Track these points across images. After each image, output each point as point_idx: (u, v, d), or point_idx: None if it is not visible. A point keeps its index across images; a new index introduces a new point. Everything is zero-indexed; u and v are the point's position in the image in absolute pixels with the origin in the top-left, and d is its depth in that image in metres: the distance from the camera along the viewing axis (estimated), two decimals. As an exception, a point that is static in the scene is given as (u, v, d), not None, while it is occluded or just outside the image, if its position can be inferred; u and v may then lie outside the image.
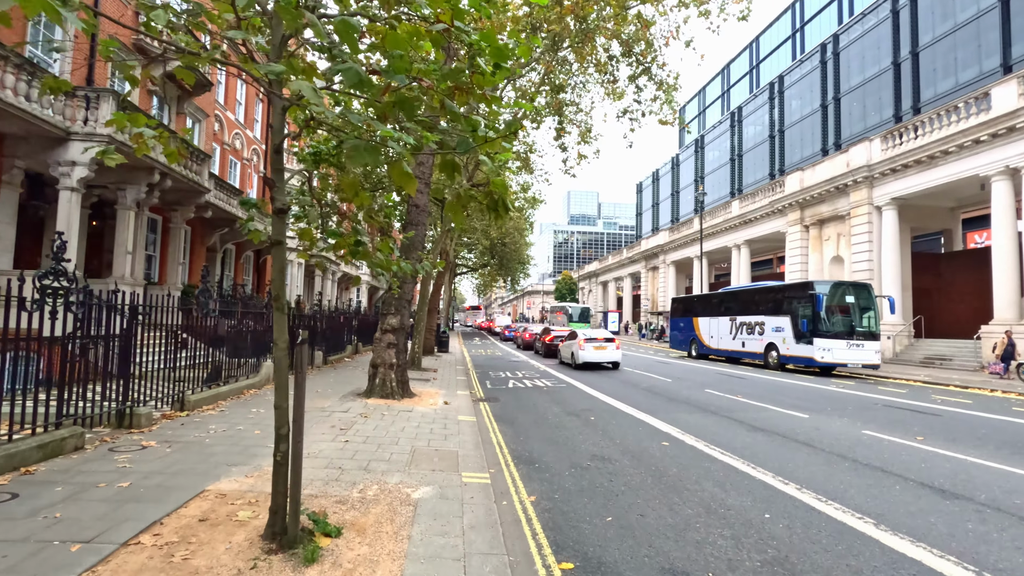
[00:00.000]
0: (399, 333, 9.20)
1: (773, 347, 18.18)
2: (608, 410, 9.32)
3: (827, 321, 16.23)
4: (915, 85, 29.58)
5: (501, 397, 11.02)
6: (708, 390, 12.04)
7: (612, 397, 10.85)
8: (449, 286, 50.28)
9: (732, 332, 20.82)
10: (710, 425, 7.99)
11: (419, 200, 9.53)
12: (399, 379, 9.17)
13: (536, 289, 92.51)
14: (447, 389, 11.19)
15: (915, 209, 21.81)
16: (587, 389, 12.19)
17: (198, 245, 17.63)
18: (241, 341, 9.78)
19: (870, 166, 21.37)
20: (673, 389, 12.27)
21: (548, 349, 22.60)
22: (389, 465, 5.16)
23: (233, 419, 6.96)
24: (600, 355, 16.94)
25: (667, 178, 64.70)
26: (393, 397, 8.89)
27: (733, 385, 13.11)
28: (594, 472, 5.47)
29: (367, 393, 9.09)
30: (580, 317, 46.26)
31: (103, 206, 13.32)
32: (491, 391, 11.96)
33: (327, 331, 15.37)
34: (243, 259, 22.11)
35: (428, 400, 9.27)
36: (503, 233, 45.71)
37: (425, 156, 9.54)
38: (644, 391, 11.90)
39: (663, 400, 10.53)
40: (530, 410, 9.35)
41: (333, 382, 11.25)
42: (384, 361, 9.06)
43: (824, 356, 15.97)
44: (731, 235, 32.97)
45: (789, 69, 42.37)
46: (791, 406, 9.85)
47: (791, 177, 27.02)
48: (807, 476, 5.37)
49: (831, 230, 24.69)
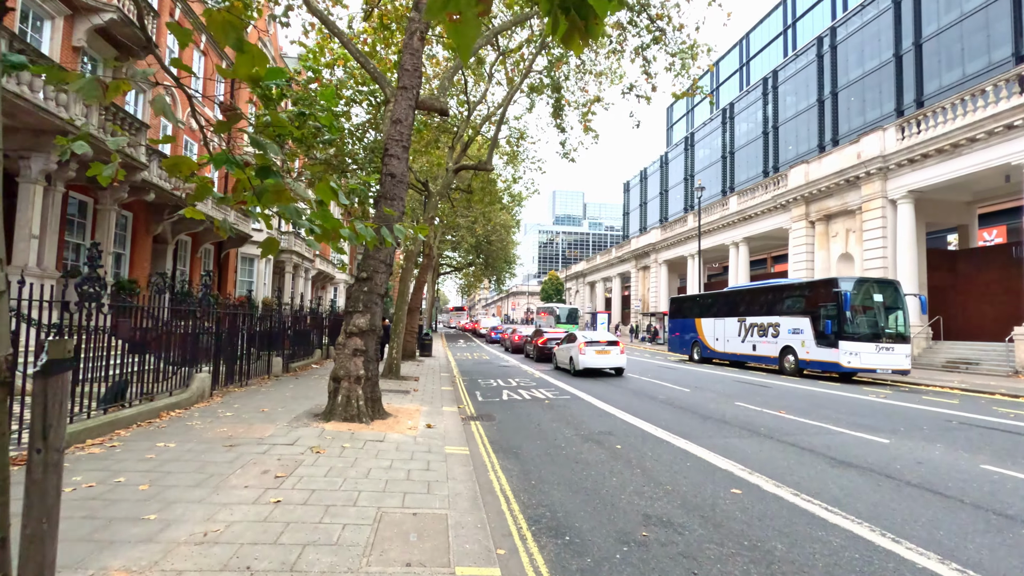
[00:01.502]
0: (368, 337, 7.16)
1: (790, 351, 16.56)
2: (634, 433, 7.42)
3: (854, 322, 14.64)
4: (918, 78, 28.53)
5: (496, 413, 9.06)
6: (739, 403, 10.25)
7: (630, 413, 8.96)
8: (432, 285, 48.09)
9: (741, 334, 19.20)
10: (776, 457, 6.14)
11: (395, 168, 7.51)
12: (368, 396, 7.13)
13: (521, 290, 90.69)
14: (430, 404, 9.18)
15: (930, 203, 20.52)
16: (596, 402, 10.29)
17: (141, 234, 15.26)
18: (174, 345, 7.66)
19: (885, 156, 20.00)
20: (697, 402, 10.45)
21: (541, 353, 20.69)
22: (336, 558, 3.15)
23: (120, 463, 4.85)
24: (603, 360, 15.09)
25: (655, 177, 63.51)
26: (360, 420, 6.85)
27: (763, 396, 11.35)
28: (659, 553, 3.55)
29: (326, 415, 7.02)
30: (568, 318, 44.57)
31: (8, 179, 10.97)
32: (483, 405, 9.98)
33: (289, 334, 13.18)
34: (200, 252, 19.71)
35: (406, 422, 7.25)
36: (489, 231, 43.76)
37: (404, 110, 7.53)
38: (664, 404, 10.05)
39: (694, 418, 8.68)
40: (535, 433, 7.41)
41: (288, 397, 9.13)
42: (349, 373, 7.01)
43: (851, 361, 14.38)
44: (729, 232, 31.56)
45: (783, 64, 41.33)
46: (854, 425, 8.09)
47: (795, 170, 25.64)
48: (996, 562, 3.53)
49: (839, 226, 23.32)
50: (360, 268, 7.36)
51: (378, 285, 7.29)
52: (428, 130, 15.63)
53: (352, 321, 7.14)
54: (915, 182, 19.16)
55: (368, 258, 7.31)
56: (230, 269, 22.17)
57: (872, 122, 30.79)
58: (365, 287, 7.22)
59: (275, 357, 12.06)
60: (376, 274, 7.29)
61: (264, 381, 11.02)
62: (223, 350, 9.53)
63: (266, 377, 11.49)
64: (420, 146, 18.75)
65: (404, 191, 7.66)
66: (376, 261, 7.29)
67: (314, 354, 15.87)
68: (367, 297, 7.21)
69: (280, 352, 12.44)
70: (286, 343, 13.29)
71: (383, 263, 7.34)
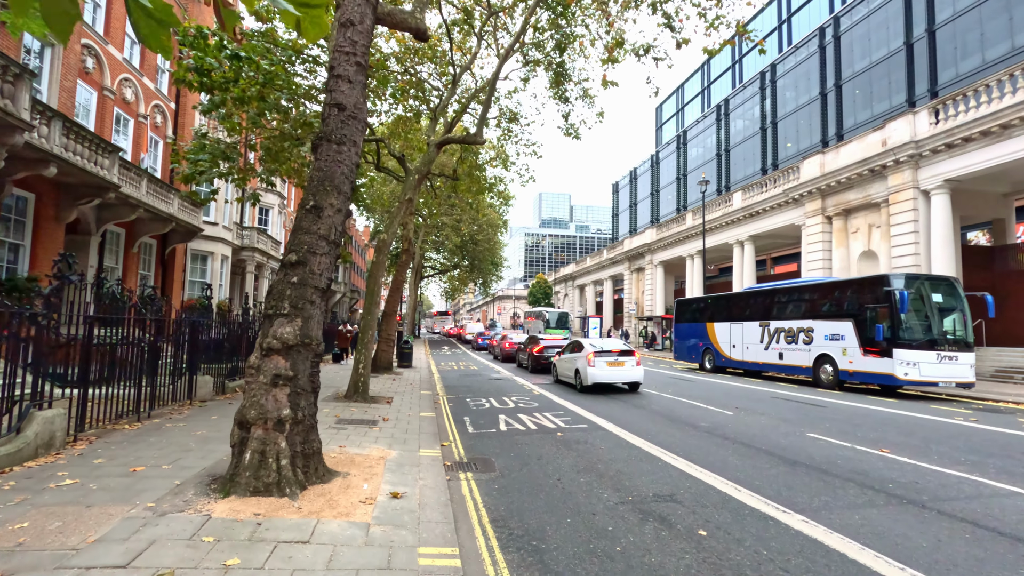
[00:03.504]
0: (299, 355, 4.53)
1: (827, 360, 14.30)
2: (710, 498, 4.91)
3: (911, 326, 12.43)
4: (932, 67, 26.90)
5: (495, 456, 6.49)
6: (811, 434, 7.83)
7: (684, 457, 6.45)
8: (415, 288, 45.25)
9: (764, 341, 16.92)
10: (981, 558, 3.68)
11: (345, 96, 4.92)
12: (299, 450, 4.48)
13: (507, 294, 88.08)
14: (403, 445, 6.56)
15: (963, 195, 18.58)
16: (625, 435, 7.77)
17: (48, 221, 12.30)
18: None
19: (917, 142, 18.00)
20: (756, 433, 8.01)
21: (537, 363, 18.14)
22: None
23: None
24: (616, 374, 12.60)
25: (646, 177, 61.72)
26: (281, 492, 4.20)
27: (830, 421, 8.97)
28: None
29: (226, 484, 4.34)
30: (558, 323, 42.32)
31: None
32: (475, 441, 7.39)
33: (222, 344, 10.37)
34: (138, 247, 16.72)
35: (359, 487, 4.63)
36: (475, 231, 41.17)
37: (357, 8, 4.95)
38: (717, 439, 7.58)
39: (776, 464, 6.22)
40: (559, 500, 4.86)
41: (198, 438, 6.43)
42: (265, 414, 4.36)
43: (908, 372, 12.14)
44: (732, 230, 29.48)
45: (782, 57, 39.73)
46: (1004, 473, 5.71)
47: (809, 161, 23.63)
48: None
49: (860, 221, 21.31)
50: (289, 247, 4.74)
51: (315, 274, 4.67)
52: (404, 98, 13.05)
53: (272, 331, 4.50)
54: (953, 170, 17.17)
55: (300, 231, 4.70)
56: (177, 268, 19.17)
57: (881, 114, 29.09)
58: (294, 276, 4.60)
59: (203, 376, 9.27)
60: (313, 256, 4.67)
61: (181, 410, 8.25)
62: (118, 368, 6.81)
63: (187, 403, 8.71)
64: (396, 128, 16.14)
65: (359, 133, 5.07)
66: (313, 236, 4.69)
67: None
68: (297, 292, 4.58)
69: (211, 368, 9.64)
70: (245, 351, 10.49)
71: (324, 239, 4.73)
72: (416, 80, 13.65)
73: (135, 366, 7.09)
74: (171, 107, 18.90)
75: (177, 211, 17.02)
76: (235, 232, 22.96)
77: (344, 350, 20.25)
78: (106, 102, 14.98)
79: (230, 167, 10.86)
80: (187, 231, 18.20)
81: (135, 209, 14.67)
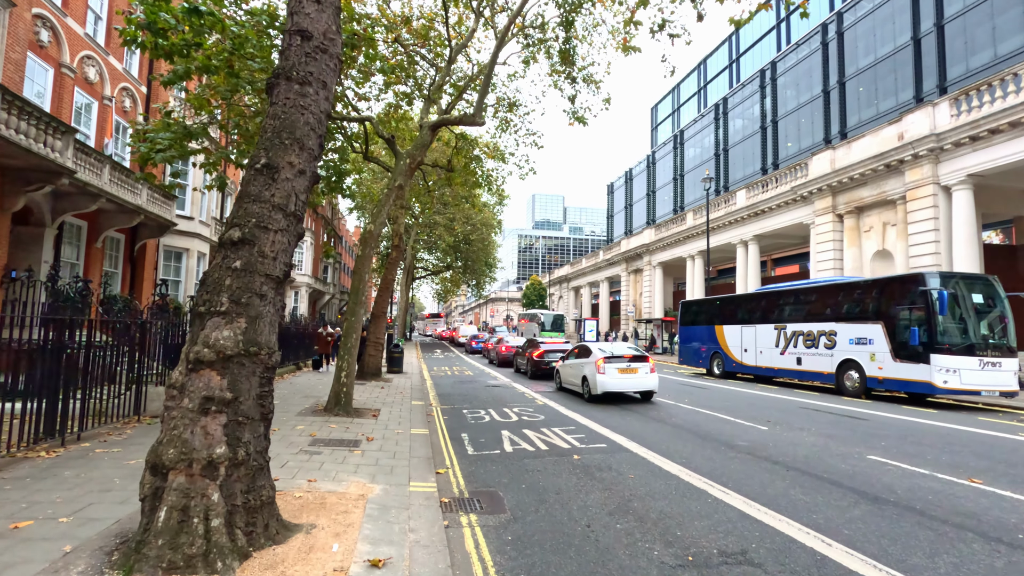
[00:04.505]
0: (240, 370, 3.25)
1: (852, 366, 13.22)
2: (797, 557, 3.70)
3: (949, 330, 11.37)
4: (940, 62, 26.13)
5: (503, 487, 5.25)
6: (874, 456, 6.66)
7: (737, 491, 5.24)
8: (406, 289, 43.84)
9: (780, 345, 15.83)
10: None
11: (312, 22, 3.68)
12: (238, 504, 3.20)
13: (500, 296, 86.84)
14: (388, 476, 5.30)
15: (985, 191, 17.66)
16: (656, 459, 6.56)
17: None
18: None
19: (939, 135, 17.07)
20: (808, 456, 6.83)
21: (537, 368, 16.90)
22: None
23: None
24: (628, 382, 11.40)
25: (641, 178, 60.82)
26: (209, 568, 2.92)
27: (880, 438, 7.82)
28: None
29: (130, 555, 3.04)
30: (553, 325, 41.20)
31: None
32: (477, 467, 6.14)
33: (160, 349, 8.92)
34: (102, 241, 15.25)
35: (321, 557, 3.36)
36: (468, 230, 39.91)
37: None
38: (768, 465, 6.39)
39: (858, 501, 5.03)
40: (593, 558, 3.62)
41: (132, 469, 5.12)
42: (190, 455, 3.07)
43: (948, 380, 11.07)
44: (736, 230, 28.52)
45: (782, 55, 39.01)
46: None
47: (818, 158, 22.69)
48: None
49: (874, 219, 20.37)
50: (230, 220, 3.46)
51: (267, 257, 3.40)
52: (394, 77, 11.80)
53: (203, 335, 3.22)
54: (977, 164, 16.25)
55: (246, 199, 3.43)
56: (147, 265, 17.71)
57: (887, 112, 28.31)
58: (236, 260, 3.33)
59: (157, 387, 7.92)
60: (263, 232, 3.40)
61: (124, 429, 6.90)
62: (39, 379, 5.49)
63: (133, 420, 7.36)
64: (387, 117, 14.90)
65: (331, 73, 3.81)
66: (264, 206, 3.42)
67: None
68: (240, 281, 3.31)
69: (144, 379, 8.26)
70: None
71: (280, 210, 3.47)
72: (408, 57, 12.41)
73: (55, 374, 5.74)
74: (142, 91, 17.47)
75: (146, 203, 15.59)
76: (214, 228, 21.49)
77: (325, 355, 17.98)
78: (64, 80, 13.56)
79: (199, 149, 9.56)
80: (158, 225, 16.76)
81: (96, 199, 13.24)
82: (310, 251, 40.16)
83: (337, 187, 12.14)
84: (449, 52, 12.48)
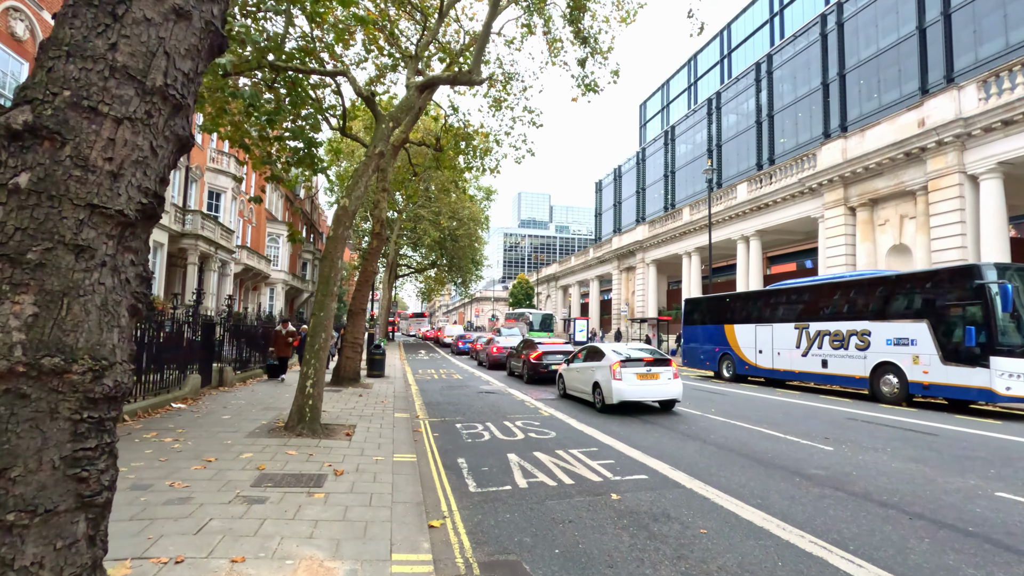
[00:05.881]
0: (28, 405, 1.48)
1: (891, 369, 11.83)
2: None
3: (1009, 329, 10.02)
4: (947, 52, 25.22)
5: (526, 553, 3.52)
6: (1002, 493, 5.13)
7: (873, 563, 3.62)
8: (389, 287, 41.75)
9: (802, 345, 14.42)
10: None
11: None
12: None
13: (486, 295, 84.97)
14: (358, 543, 3.53)
15: (1012, 181, 16.55)
16: (726, 501, 4.92)
17: None
18: None
19: (966, 120, 15.88)
20: (916, 493, 5.27)
21: (535, 372, 15.20)
22: None
23: None
24: (648, 390, 9.78)
25: (631, 175, 59.67)
26: None
27: (981, 461, 6.33)
28: None
29: None
30: (542, 325, 39.71)
31: None
32: (485, 515, 4.40)
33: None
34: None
35: None
36: (455, 226, 38.08)
37: None
38: (879, 508, 4.79)
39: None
40: None
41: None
42: None
43: (1011, 387, 9.71)
44: (736, 225, 27.25)
45: (779, 48, 38.02)
46: None
47: (828, 147, 21.48)
48: None
49: (890, 211, 19.19)
50: (18, 90, 1.68)
51: (94, 171, 1.63)
52: (374, 37, 10.00)
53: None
54: (1009, 151, 15.09)
55: (54, 50, 1.65)
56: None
57: (891, 104, 27.35)
58: (24, 172, 1.56)
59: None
60: (88, 117, 1.63)
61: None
62: None
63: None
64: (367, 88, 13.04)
65: None
66: (96, 66, 1.64)
67: (185, 382, 9.74)
68: (28, 218, 1.54)
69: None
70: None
71: (129, 78, 1.69)
72: (392, 22, 10.62)
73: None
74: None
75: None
76: (173, 215, 19.32)
77: (285, 360, 14.00)
78: None
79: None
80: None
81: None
82: (286, 246, 37.82)
83: (307, 160, 10.24)
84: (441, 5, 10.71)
